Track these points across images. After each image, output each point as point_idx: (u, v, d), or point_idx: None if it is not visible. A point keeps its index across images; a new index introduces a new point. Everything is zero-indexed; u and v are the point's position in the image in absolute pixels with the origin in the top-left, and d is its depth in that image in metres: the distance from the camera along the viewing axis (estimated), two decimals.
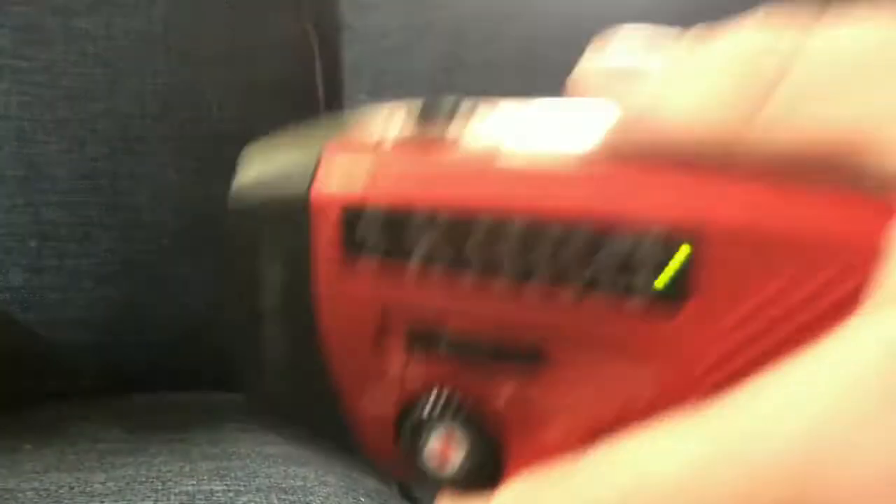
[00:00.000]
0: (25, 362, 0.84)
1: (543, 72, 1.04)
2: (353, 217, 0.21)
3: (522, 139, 0.21)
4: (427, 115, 0.23)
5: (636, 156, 0.20)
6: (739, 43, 0.21)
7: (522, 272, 0.20)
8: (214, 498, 0.59)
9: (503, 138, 0.21)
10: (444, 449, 0.21)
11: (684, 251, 0.19)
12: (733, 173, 0.19)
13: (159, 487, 0.60)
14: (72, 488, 0.60)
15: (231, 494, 0.59)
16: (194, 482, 0.61)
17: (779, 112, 0.19)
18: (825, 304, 0.18)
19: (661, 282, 0.19)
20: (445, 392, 0.21)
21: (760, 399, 0.18)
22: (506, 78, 1.02)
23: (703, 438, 0.18)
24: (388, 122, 0.23)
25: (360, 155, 0.22)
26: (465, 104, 0.23)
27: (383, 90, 1.02)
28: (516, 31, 1.03)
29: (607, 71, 0.23)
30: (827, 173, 0.19)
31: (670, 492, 0.18)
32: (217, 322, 0.94)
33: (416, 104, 0.23)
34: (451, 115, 0.23)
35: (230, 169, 0.99)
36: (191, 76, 0.94)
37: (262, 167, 0.24)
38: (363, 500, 0.64)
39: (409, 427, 0.22)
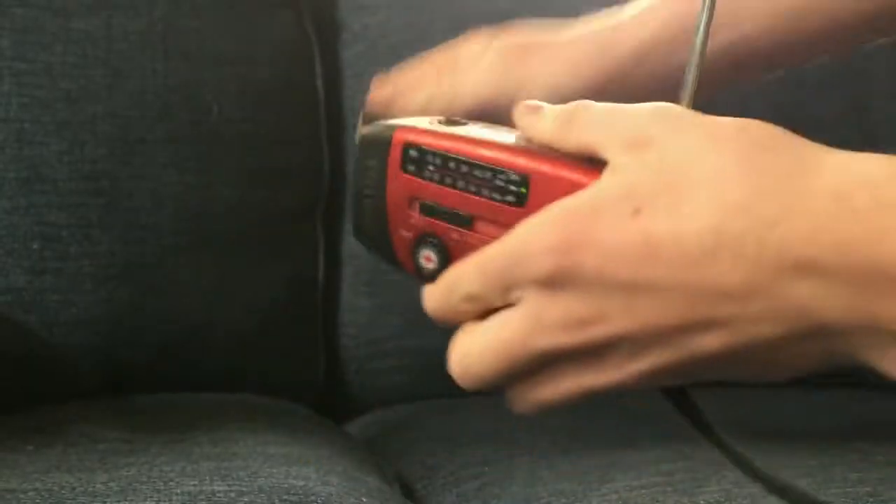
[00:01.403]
0: (27, 363, 0.84)
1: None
2: (406, 149, 0.48)
3: (482, 131, 0.49)
4: (450, 120, 0.49)
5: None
6: None
7: (471, 186, 0.46)
8: (216, 498, 0.59)
9: (482, 131, 0.49)
10: (427, 258, 0.48)
11: (527, 181, 0.45)
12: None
13: (161, 487, 0.60)
14: (73, 489, 0.60)
15: (233, 494, 0.59)
16: (196, 482, 0.61)
17: None
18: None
19: (521, 192, 0.45)
20: (430, 234, 0.47)
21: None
22: None
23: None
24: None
25: (415, 124, 0.49)
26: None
27: None
28: None
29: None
30: None
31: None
32: (217, 322, 0.94)
33: (444, 118, 0.50)
34: (462, 122, 0.49)
35: (230, 170, 0.99)
36: (191, 77, 0.94)
37: (376, 125, 0.50)
38: (365, 500, 0.64)
39: (415, 247, 0.48)
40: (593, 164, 0.43)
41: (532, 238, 0.42)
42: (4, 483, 0.60)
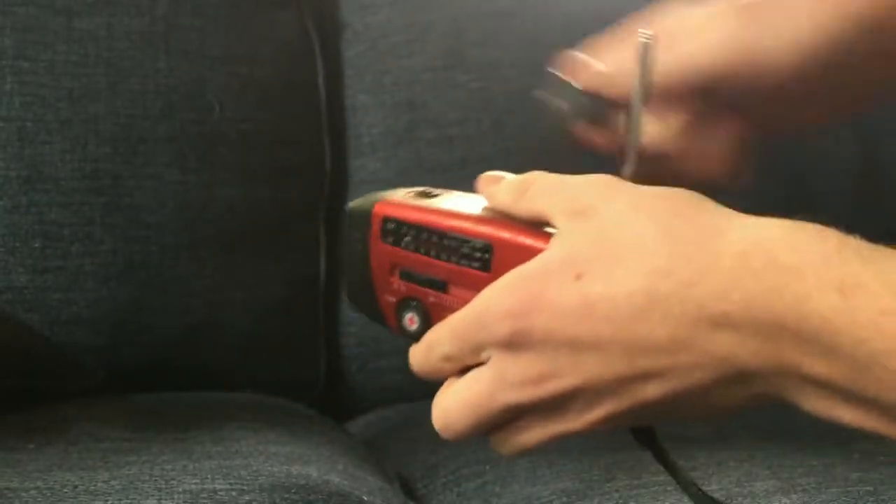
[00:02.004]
0: (28, 362, 0.84)
1: (543, 71, 1.04)
2: (385, 223, 0.52)
3: (452, 201, 0.52)
4: (423, 192, 0.53)
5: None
6: None
7: (442, 254, 0.50)
8: (217, 496, 0.59)
9: (452, 202, 0.52)
10: (411, 320, 0.52)
11: (490, 248, 0.49)
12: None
13: (162, 486, 0.60)
14: (75, 487, 0.60)
15: (234, 493, 0.59)
16: (197, 481, 0.61)
17: None
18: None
19: (486, 258, 0.49)
20: (411, 298, 0.51)
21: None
22: (506, 77, 1.02)
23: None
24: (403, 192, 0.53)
25: (392, 198, 0.52)
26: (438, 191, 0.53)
27: (384, 90, 1.02)
28: (516, 30, 1.03)
29: None
30: None
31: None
32: (219, 320, 0.94)
33: (418, 189, 0.53)
34: (433, 194, 0.53)
35: (232, 169, 1.00)
36: (192, 76, 0.94)
37: (360, 200, 0.53)
38: (366, 498, 0.64)
39: (399, 310, 0.52)
40: (549, 229, 0.49)
41: (492, 304, 0.47)
42: (6, 481, 0.60)
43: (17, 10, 0.90)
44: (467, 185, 0.53)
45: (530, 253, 0.48)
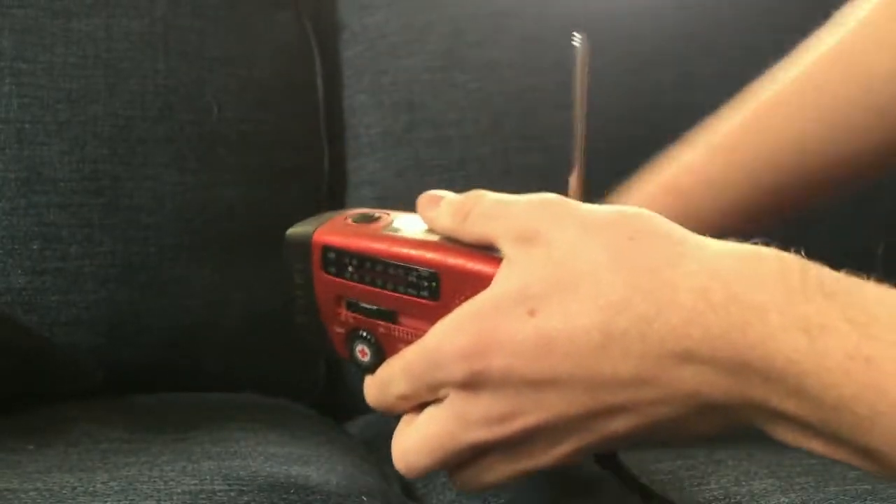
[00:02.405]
0: (27, 363, 0.84)
1: (542, 71, 1.05)
2: (326, 252, 0.50)
3: (401, 227, 0.50)
4: (364, 216, 0.51)
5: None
6: None
7: (388, 284, 0.48)
8: (217, 497, 0.59)
9: (394, 226, 0.50)
10: (362, 352, 0.50)
11: (437, 277, 0.47)
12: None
13: (161, 487, 0.60)
14: (74, 488, 0.60)
15: (233, 493, 0.59)
16: (196, 481, 0.61)
17: None
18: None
19: (433, 286, 0.47)
20: (361, 329, 0.50)
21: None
22: (504, 77, 1.02)
23: None
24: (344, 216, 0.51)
25: (331, 225, 0.51)
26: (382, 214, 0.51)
27: (382, 90, 1.02)
28: (515, 30, 1.03)
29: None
30: None
31: None
32: (218, 321, 0.94)
33: (359, 211, 0.51)
34: (375, 217, 0.51)
35: (230, 170, 0.99)
36: (191, 77, 0.94)
37: (299, 227, 0.51)
38: (365, 499, 0.64)
39: (350, 341, 0.50)
40: (496, 252, 0.46)
41: (445, 343, 0.45)
42: (5, 483, 0.60)
43: (15, 11, 0.90)
44: (466, 185, 0.52)
45: (479, 279, 0.46)
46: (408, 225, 0.50)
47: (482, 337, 0.44)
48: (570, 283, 0.43)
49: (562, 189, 0.51)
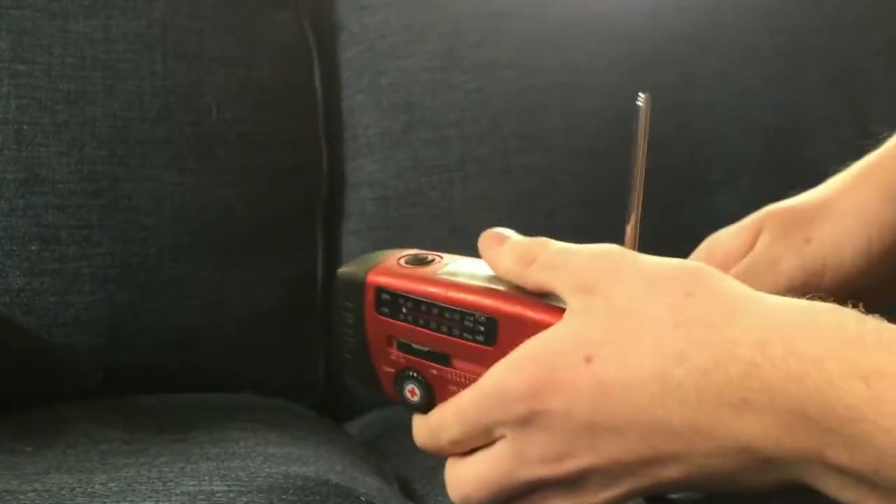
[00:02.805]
0: (26, 364, 0.84)
1: (541, 71, 1.04)
2: (379, 294, 0.50)
3: (456, 270, 0.50)
4: (417, 258, 0.51)
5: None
6: None
7: (443, 327, 0.49)
8: (215, 498, 0.59)
9: (449, 269, 0.50)
10: (412, 392, 0.51)
11: (495, 322, 0.48)
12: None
13: (160, 488, 0.60)
14: (73, 489, 0.60)
15: (232, 494, 0.59)
16: (195, 482, 0.61)
17: None
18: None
19: (490, 331, 0.48)
20: (411, 370, 0.50)
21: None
22: (504, 78, 1.02)
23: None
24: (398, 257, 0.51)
25: (385, 265, 0.51)
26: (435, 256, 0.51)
27: (381, 91, 1.02)
28: (514, 31, 1.03)
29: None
30: None
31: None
32: (217, 322, 0.94)
33: (411, 252, 0.51)
34: (429, 260, 0.51)
35: (229, 170, 0.99)
36: (190, 78, 0.94)
37: (350, 266, 0.51)
38: (364, 499, 0.64)
39: (399, 381, 0.51)
40: (556, 301, 0.48)
41: (505, 385, 0.46)
42: (4, 484, 0.60)
43: (12, 13, 0.89)
44: (465, 186, 0.52)
45: (538, 327, 0.46)
46: (463, 268, 0.50)
47: (541, 378, 0.45)
48: (629, 335, 0.44)
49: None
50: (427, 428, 0.51)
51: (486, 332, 0.48)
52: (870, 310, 0.59)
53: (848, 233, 0.57)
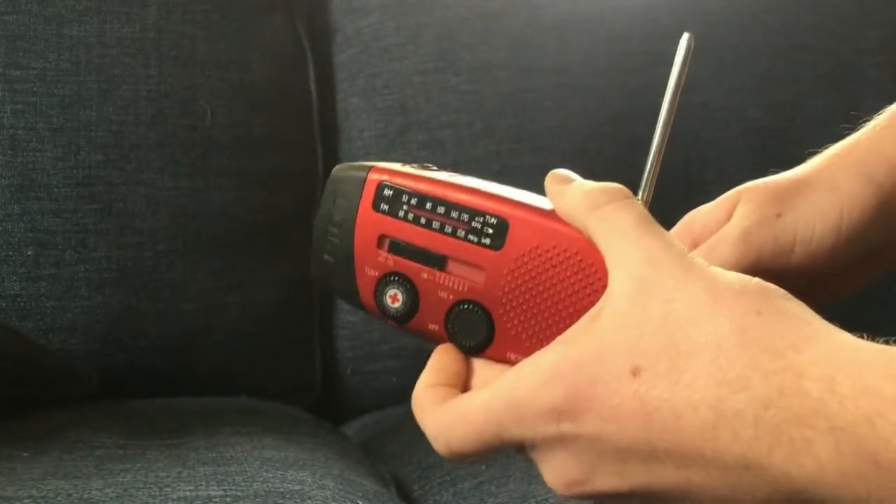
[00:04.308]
0: (22, 369, 0.84)
1: (535, 73, 1.05)
2: (381, 189, 0.48)
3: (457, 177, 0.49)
4: (423, 166, 0.49)
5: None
6: None
7: (447, 227, 0.46)
8: (212, 503, 0.59)
9: (451, 177, 0.48)
10: (393, 297, 0.48)
11: (506, 224, 0.46)
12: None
13: (157, 493, 0.60)
14: (70, 495, 0.60)
15: (229, 499, 0.59)
16: (192, 487, 0.61)
17: None
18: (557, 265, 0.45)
19: (498, 235, 0.46)
20: (398, 273, 0.48)
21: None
22: (497, 79, 1.02)
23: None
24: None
25: (388, 167, 0.49)
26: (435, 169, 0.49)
27: (375, 93, 1.02)
28: (507, 32, 1.03)
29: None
30: None
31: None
32: (214, 325, 0.94)
33: (417, 164, 0.49)
34: (431, 168, 0.49)
35: (224, 174, 0.99)
36: (184, 82, 0.94)
37: (347, 165, 0.50)
38: (360, 503, 0.64)
39: (381, 285, 0.48)
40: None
41: (537, 397, 0.41)
42: (0, 490, 0.60)
43: (6, 18, 0.89)
44: None
45: (553, 236, 0.44)
46: (468, 179, 0.49)
47: (578, 392, 0.40)
48: (685, 350, 0.39)
49: None
50: (441, 446, 0.45)
51: (494, 234, 0.45)
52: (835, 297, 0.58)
53: (821, 209, 0.55)
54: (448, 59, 1.02)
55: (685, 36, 0.50)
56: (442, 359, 0.47)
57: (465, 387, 0.46)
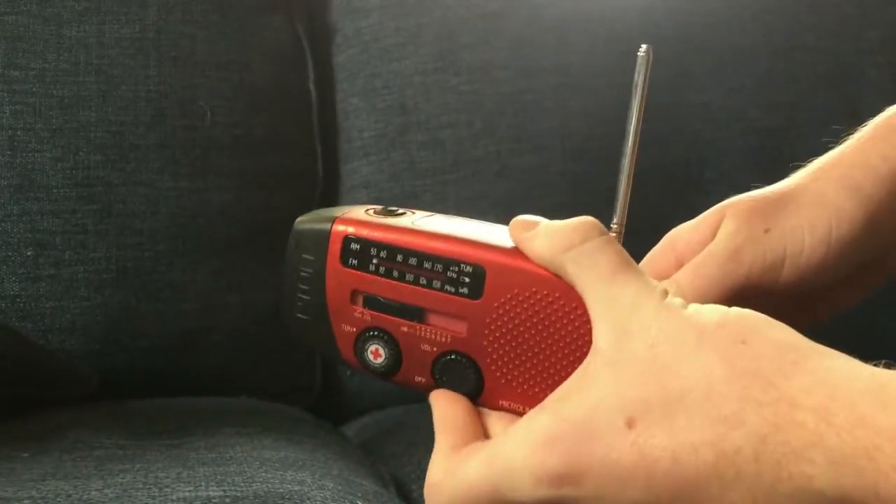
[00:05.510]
0: (22, 370, 0.84)
1: (535, 73, 1.05)
2: (347, 243, 0.46)
3: (431, 223, 0.46)
4: (387, 210, 0.47)
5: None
6: None
7: (421, 279, 0.45)
8: (212, 503, 0.59)
9: (418, 222, 0.46)
10: (375, 353, 0.46)
11: (482, 272, 0.44)
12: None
13: (156, 493, 0.60)
14: (69, 496, 0.60)
15: (228, 500, 0.59)
16: (191, 488, 0.61)
17: None
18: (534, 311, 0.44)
19: (475, 284, 0.44)
20: (377, 328, 0.46)
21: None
22: (497, 80, 1.02)
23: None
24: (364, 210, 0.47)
25: (352, 217, 0.47)
26: (403, 211, 0.47)
27: (375, 93, 1.02)
28: (507, 32, 1.03)
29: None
30: None
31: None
32: (213, 326, 0.94)
33: (376, 207, 0.47)
34: (399, 212, 0.47)
35: (224, 175, 0.99)
36: (183, 82, 0.94)
37: (308, 217, 0.48)
38: (360, 503, 0.64)
39: (361, 341, 0.46)
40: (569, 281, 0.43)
41: (531, 463, 0.40)
42: (0, 491, 0.60)
43: (6, 18, 0.89)
44: (459, 188, 0.52)
45: (532, 280, 0.42)
46: (439, 222, 0.47)
47: (575, 454, 0.39)
48: (677, 391, 0.38)
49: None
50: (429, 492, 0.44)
51: (471, 283, 0.44)
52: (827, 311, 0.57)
53: (809, 223, 0.54)
54: (448, 59, 1.02)
55: (643, 48, 0.49)
56: (447, 412, 0.45)
57: (480, 430, 0.45)
